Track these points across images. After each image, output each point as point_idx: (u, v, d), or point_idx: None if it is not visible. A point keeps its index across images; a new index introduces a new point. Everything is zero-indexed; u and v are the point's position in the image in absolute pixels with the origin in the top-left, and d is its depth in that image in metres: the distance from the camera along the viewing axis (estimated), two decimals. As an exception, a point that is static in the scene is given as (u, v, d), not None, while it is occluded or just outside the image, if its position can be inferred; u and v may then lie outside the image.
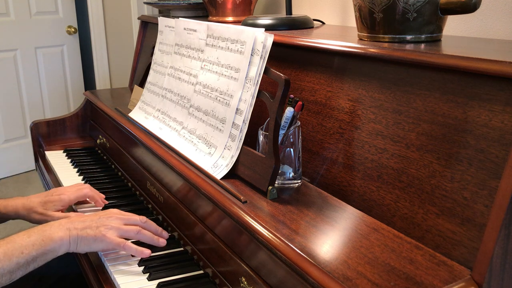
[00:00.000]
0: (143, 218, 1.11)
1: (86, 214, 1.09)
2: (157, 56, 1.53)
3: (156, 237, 1.10)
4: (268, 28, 1.31)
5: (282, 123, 1.01)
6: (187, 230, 1.11)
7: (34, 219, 1.23)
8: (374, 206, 0.93)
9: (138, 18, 2.14)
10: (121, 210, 1.30)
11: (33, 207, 1.22)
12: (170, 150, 1.23)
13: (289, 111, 1.01)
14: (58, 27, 3.45)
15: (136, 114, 1.52)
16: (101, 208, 1.32)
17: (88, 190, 1.29)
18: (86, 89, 3.59)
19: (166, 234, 1.13)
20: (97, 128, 1.82)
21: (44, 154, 1.82)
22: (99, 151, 1.81)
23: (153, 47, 1.58)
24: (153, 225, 1.12)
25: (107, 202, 1.34)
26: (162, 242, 1.11)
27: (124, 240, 1.05)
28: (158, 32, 1.54)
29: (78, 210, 1.32)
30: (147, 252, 1.06)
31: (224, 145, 1.10)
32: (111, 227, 1.05)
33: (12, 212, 1.22)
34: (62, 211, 1.25)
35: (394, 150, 0.91)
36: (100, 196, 1.32)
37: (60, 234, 1.00)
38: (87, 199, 1.32)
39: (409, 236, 0.82)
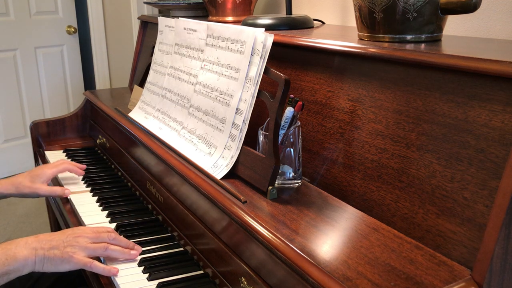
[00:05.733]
0: (111, 235, 1.08)
1: (54, 233, 1.07)
2: (157, 56, 1.53)
3: (126, 250, 1.08)
4: (268, 28, 1.31)
5: (282, 123, 1.01)
6: (187, 230, 1.11)
7: (23, 193, 1.38)
8: (374, 206, 0.93)
9: (138, 18, 2.14)
10: (121, 210, 1.32)
11: (21, 182, 1.36)
12: (170, 150, 1.23)
13: (289, 111, 1.01)
14: (58, 27, 3.45)
15: (136, 114, 1.52)
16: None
17: (67, 164, 1.48)
18: (86, 89, 3.59)
19: (138, 247, 1.10)
20: (97, 128, 1.82)
21: (44, 154, 1.82)
22: (99, 151, 1.81)
23: (153, 47, 1.58)
24: (123, 240, 1.10)
25: (85, 167, 1.53)
26: (134, 254, 1.08)
27: (91, 260, 1.02)
28: (158, 32, 1.54)
29: (63, 182, 1.52)
30: (114, 271, 1.03)
31: (224, 145, 1.10)
32: (79, 247, 1.02)
33: (3, 189, 1.35)
34: (47, 184, 1.42)
35: (394, 150, 0.91)
36: (79, 167, 1.51)
37: (24, 253, 0.97)
38: (68, 171, 1.50)
39: (409, 236, 0.82)
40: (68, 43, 3.52)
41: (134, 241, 1.14)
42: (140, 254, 1.10)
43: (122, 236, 1.13)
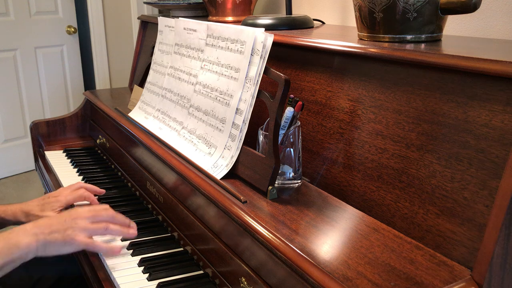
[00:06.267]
0: (109, 213, 1.10)
1: (53, 216, 1.08)
2: (157, 56, 1.53)
3: (125, 229, 1.10)
4: (268, 28, 1.31)
5: (282, 123, 1.01)
6: (187, 230, 1.11)
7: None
8: (374, 206, 0.93)
9: (138, 18, 2.14)
10: (121, 210, 1.31)
11: (31, 210, 1.23)
12: (170, 150, 1.23)
13: (289, 111, 1.01)
14: (58, 27, 3.45)
15: (136, 114, 1.52)
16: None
17: (83, 191, 1.30)
18: (86, 89, 3.59)
19: (134, 225, 1.14)
20: (97, 128, 1.82)
21: (44, 154, 1.82)
22: (99, 151, 1.81)
23: (153, 47, 1.58)
24: (121, 217, 1.12)
25: (104, 192, 1.35)
26: (132, 232, 1.11)
27: (93, 240, 1.05)
28: (158, 32, 1.54)
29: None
30: (117, 249, 1.07)
31: (224, 145, 1.10)
32: (79, 229, 1.04)
33: (11, 216, 1.23)
34: (59, 212, 1.25)
35: (394, 150, 0.91)
36: (97, 191, 1.33)
37: (26, 241, 0.98)
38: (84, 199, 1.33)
39: (409, 236, 0.82)
40: (68, 43, 3.52)
41: (134, 241, 1.14)
42: (141, 254, 1.10)
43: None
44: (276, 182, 1.00)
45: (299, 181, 1.03)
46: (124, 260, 1.09)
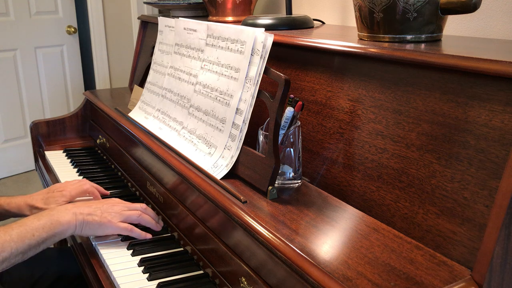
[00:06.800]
0: (143, 205, 1.20)
1: (91, 201, 1.16)
2: (157, 56, 1.53)
3: (154, 221, 1.19)
4: (268, 28, 1.31)
5: (282, 123, 1.01)
6: (187, 230, 1.11)
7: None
8: (374, 206, 0.93)
9: (138, 18, 2.14)
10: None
11: (35, 204, 1.24)
12: (170, 150, 1.23)
13: (289, 111, 1.01)
14: (58, 27, 3.45)
15: (136, 114, 1.52)
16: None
17: (88, 186, 1.32)
18: (86, 89, 3.59)
19: (161, 222, 1.22)
20: (97, 128, 1.82)
21: (44, 154, 1.82)
22: (99, 151, 1.81)
23: (153, 47, 1.58)
24: (152, 211, 1.22)
25: (108, 193, 1.38)
26: (159, 227, 1.20)
27: (130, 225, 1.14)
28: (158, 32, 1.54)
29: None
30: (149, 236, 1.16)
31: (224, 145, 1.10)
32: (115, 214, 1.13)
33: (15, 209, 1.26)
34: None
35: (394, 150, 0.91)
36: (101, 191, 1.36)
37: (67, 218, 1.07)
38: (88, 195, 1.33)
39: (409, 236, 0.82)
40: (68, 43, 3.52)
41: (134, 241, 1.14)
42: (141, 254, 1.10)
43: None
44: (276, 182, 1.00)
45: (299, 181, 1.03)
46: (124, 260, 1.09)
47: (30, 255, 1.02)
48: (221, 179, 1.05)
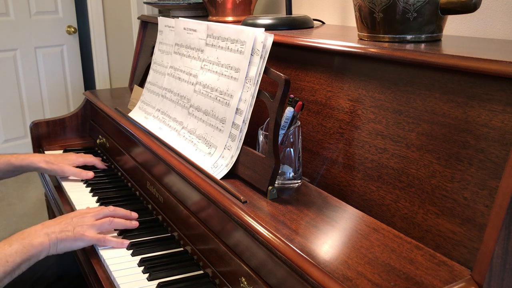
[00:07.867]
0: (110, 208, 1.18)
1: (59, 217, 1.14)
2: (157, 56, 1.53)
3: (128, 222, 1.18)
4: (268, 28, 1.31)
5: (282, 123, 1.01)
6: (187, 230, 1.11)
7: (50, 168, 1.49)
8: (374, 206, 0.93)
9: (138, 18, 2.14)
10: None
11: (50, 159, 1.48)
12: (170, 150, 1.23)
13: (289, 111, 1.01)
14: (58, 27, 3.45)
15: (136, 114, 1.52)
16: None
17: (93, 158, 1.57)
18: (86, 89, 3.59)
19: (135, 214, 1.22)
20: (96, 128, 1.82)
21: (44, 154, 1.82)
22: (99, 151, 1.81)
23: (153, 47, 1.58)
24: (121, 211, 1.20)
25: (106, 166, 1.59)
26: (135, 224, 1.19)
27: (103, 235, 1.12)
28: (158, 32, 1.54)
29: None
30: (126, 242, 1.13)
31: (224, 145, 1.10)
32: (87, 226, 1.11)
33: (30, 163, 1.44)
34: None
35: (394, 150, 0.91)
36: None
37: (39, 240, 1.04)
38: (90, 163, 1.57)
39: (409, 236, 0.82)
40: (68, 43, 3.52)
41: (134, 241, 1.14)
42: (141, 254, 1.10)
43: (120, 208, 1.22)
44: (276, 182, 1.00)
45: (299, 181, 1.03)
46: (124, 260, 1.09)
47: (6, 282, 1.00)
48: (221, 179, 1.05)
